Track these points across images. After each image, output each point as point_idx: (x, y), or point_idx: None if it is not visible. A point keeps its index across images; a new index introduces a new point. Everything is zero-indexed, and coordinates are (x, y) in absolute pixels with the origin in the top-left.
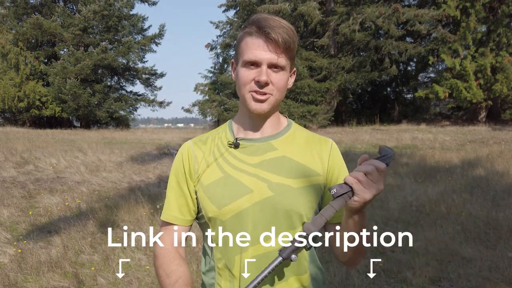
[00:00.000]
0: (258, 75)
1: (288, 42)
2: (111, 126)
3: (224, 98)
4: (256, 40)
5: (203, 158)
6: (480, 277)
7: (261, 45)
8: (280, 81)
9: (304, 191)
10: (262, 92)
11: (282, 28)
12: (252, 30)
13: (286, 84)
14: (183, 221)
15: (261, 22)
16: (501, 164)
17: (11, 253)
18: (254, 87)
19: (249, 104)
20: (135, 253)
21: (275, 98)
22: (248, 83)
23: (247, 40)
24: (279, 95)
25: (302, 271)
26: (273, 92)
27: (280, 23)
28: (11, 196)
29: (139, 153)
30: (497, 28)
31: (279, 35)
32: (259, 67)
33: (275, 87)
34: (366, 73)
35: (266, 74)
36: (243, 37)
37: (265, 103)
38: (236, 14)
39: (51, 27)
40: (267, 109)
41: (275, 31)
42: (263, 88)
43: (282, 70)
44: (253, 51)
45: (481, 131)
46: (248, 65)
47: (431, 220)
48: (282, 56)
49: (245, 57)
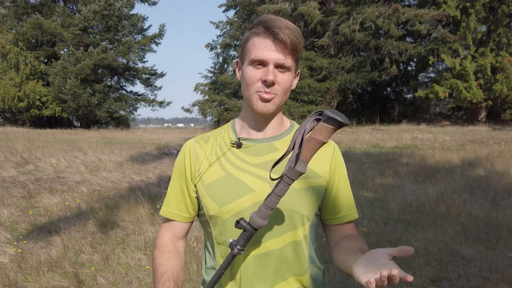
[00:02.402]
0: (265, 74)
1: (295, 44)
2: (111, 126)
3: (224, 98)
4: (264, 40)
5: (205, 157)
6: (480, 277)
7: (269, 45)
8: (285, 81)
9: (305, 192)
10: (268, 92)
11: (290, 29)
12: (260, 30)
13: (291, 85)
14: (181, 217)
15: (269, 22)
16: (501, 164)
17: (11, 253)
18: (261, 87)
19: (255, 104)
20: (135, 253)
21: (279, 98)
22: (255, 83)
23: (254, 40)
24: (284, 96)
25: (302, 271)
26: (278, 93)
27: (287, 24)
28: (11, 196)
29: (139, 153)
30: (497, 28)
31: (287, 36)
32: (265, 66)
33: (280, 88)
34: (366, 73)
35: (273, 73)
36: (250, 37)
37: (270, 103)
38: (236, 14)
39: (51, 27)
40: (272, 109)
41: (283, 31)
42: (269, 87)
43: (288, 71)
44: (261, 51)
45: (481, 131)
46: (255, 64)
47: (431, 220)
48: (289, 57)
49: (252, 55)
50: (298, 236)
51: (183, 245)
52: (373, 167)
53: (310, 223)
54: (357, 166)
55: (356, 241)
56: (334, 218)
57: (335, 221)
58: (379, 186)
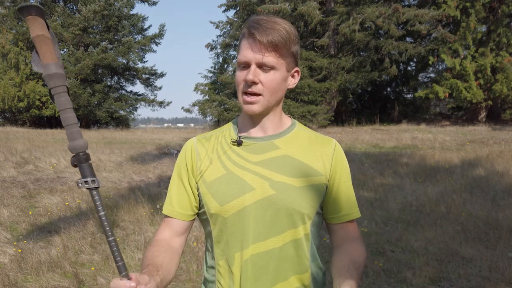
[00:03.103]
0: (246, 74)
1: (275, 42)
2: (111, 126)
3: (224, 98)
4: (246, 41)
5: (206, 155)
6: (480, 277)
7: (248, 46)
8: (270, 81)
9: (306, 190)
10: (251, 92)
11: (271, 29)
12: (245, 31)
13: (279, 84)
14: (182, 215)
15: (251, 23)
16: (501, 164)
17: (11, 253)
18: (244, 87)
19: (241, 105)
20: (135, 253)
21: (266, 98)
22: (240, 84)
23: (241, 42)
24: (271, 95)
25: (303, 269)
26: (263, 92)
27: (272, 23)
28: (11, 196)
29: (139, 153)
30: (497, 28)
31: (264, 36)
32: (249, 67)
33: (264, 87)
34: (366, 73)
35: (253, 73)
36: (240, 39)
37: (256, 105)
38: (236, 14)
39: (51, 27)
40: (258, 110)
41: (260, 32)
42: (251, 87)
43: (272, 69)
44: (243, 52)
45: (481, 131)
46: (240, 66)
47: (431, 220)
48: (268, 55)
49: (238, 58)
50: (299, 234)
51: (180, 242)
52: (373, 167)
53: (312, 222)
54: (357, 166)
55: (349, 254)
56: (335, 217)
57: (336, 220)
58: (379, 186)
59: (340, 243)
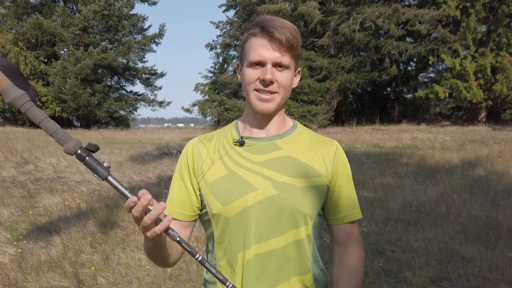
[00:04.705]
0: (263, 74)
1: (291, 41)
2: (111, 126)
3: (224, 98)
4: (260, 40)
5: (208, 155)
6: (480, 277)
7: (265, 44)
8: (285, 79)
9: (308, 191)
10: (267, 91)
11: (285, 28)
12: (256, 31)
13: (291, 83)
14: (183, 216)
15: (265, 22)
16: (501, 164)
17: (11, 253)
18: (258, 86)
19: (254, 103)
20: (135, 253)
21: (281, 97)
22: (253, 82)
23: (252, 41)
24: (285, 94)
25: (305, 270)
26: (279, 91)
27: (283, 23)
28: (11, 196)
29: (139, 153)
30: (497, 28)
31: (283, 34)
32: (263, 66)
33: (280, 86)
34: (366, 73)
35: (270, 72)
36: (248, 39)
37: (271, 103)
38: (236, 14)
39: (51, 27)
40: (273, 108)
41: (278, 30)
42: (268, 86)
43: (286, 69)
44: (258, 51)
45: (481, 131)
46: (253, 65)
47: (431, 220)
48: (286, 55)
49: (250, 57)
50: (301, 235)
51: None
52: (373, 167)
53: (313, 223)
54: (357, 166)
55: (348, 268)
56: (336, 218)
57: (337, 221)
58: (379, 186)
59: (341, 244)
